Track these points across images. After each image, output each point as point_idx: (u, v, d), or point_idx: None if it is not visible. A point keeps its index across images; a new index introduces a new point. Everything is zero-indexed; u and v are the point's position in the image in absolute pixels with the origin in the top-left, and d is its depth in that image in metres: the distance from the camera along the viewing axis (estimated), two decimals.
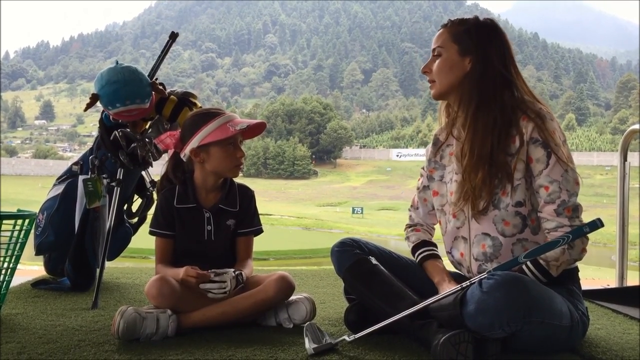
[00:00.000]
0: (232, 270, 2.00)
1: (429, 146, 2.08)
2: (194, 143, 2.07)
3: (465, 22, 1.91)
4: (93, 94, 2.45)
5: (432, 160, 2.05)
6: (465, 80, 1.86)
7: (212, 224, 2.14)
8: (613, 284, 3.15)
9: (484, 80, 1.82)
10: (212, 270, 1.96)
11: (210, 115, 2.10)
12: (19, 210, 2.19)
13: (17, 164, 75.19)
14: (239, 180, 2.26)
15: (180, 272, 1.97)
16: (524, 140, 1.77)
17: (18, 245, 2.14)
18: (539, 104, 1.83)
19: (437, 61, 1.91)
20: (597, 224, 1.62)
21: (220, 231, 2.16)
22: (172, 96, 2.69)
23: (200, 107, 2.70)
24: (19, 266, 2.20)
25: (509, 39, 1.90)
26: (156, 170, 2.68)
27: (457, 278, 1.94)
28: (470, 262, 1.91)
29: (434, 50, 1.93)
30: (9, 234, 2.11)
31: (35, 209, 2.58)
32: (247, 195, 2.23)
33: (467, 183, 1.83)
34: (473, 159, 1.80)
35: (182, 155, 2.13)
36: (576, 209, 1.74)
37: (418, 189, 2.12)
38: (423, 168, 2.10)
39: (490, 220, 1.83)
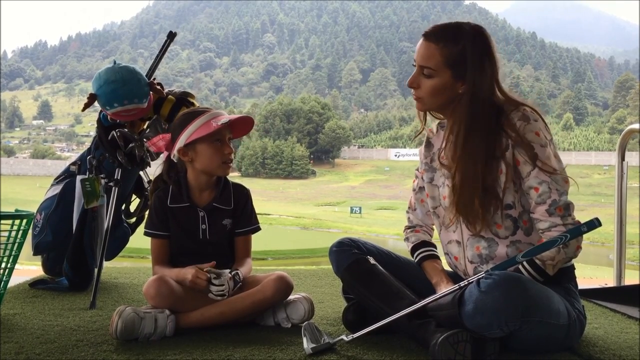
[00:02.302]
0: (229, 270, 2.00)
1: (421, 147, 2.07)
2: (180, 142, 2.08)
3: (456, 39, 1.79)
4: (91, 94, 2.45)
5: (423, 162, 2.05)
6: (456, 103, 1.81)
7: (206, 223, 2.14)
8: (611, 283, 3.15)
9: (475, 107, 1.77)
10: (211, 272, 1.96)
11: (195, 113, 2.11)
12: (16, 210, 2.19)
13: (15, 164, 75.15)
14: (235, 180, 2.27)
15: (184, 272, 1.97)
16: (509, 144, 1.76)
17: (16, 245, 2.13)
18: (522, 105, 1.80)
19: (428, 82, 1.81)
20: (594, 224, 1.63)
21: (215, 230, 2.16)
22: (170, 96, 2.68)
23: (198, 106, 2.70)
24: (16, 266, 2.20)
25: (495, 47, 1.83)
26: (154, 170, 2.68)
27: (455, 278, 1.94)
28: (465, 265, 1.91)
29: (421, 67, 1.82)
30: (6, 234, 2.10)
31: (33, 208, 2.58)
32: (243, 194, 2.23)
33: (462, 212, 1.81)
34: (467, 189, 1.78)
35: (171, 156, 2.13)
36: (567, 207, 1.74)
37: (414, 190, 2.12)
38: (417, 169, 2.10)
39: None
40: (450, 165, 1.85)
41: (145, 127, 2.77)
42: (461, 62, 1.78)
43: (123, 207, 2.94)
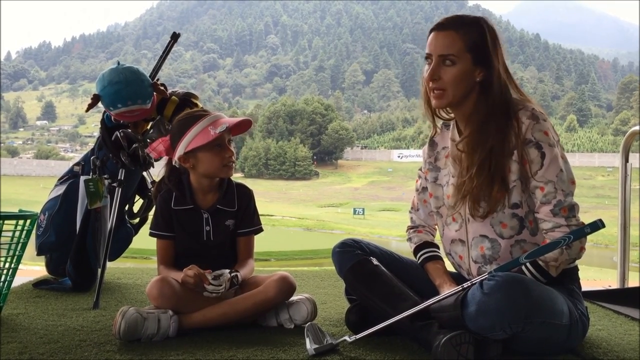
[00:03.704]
0: (229, 271, 2.00)
1: (425, 147, 2.07)
2: (180, 150, 2.07)
3: (475, 25, 1.81)
4: (95, 95, 2.45)
5: (427, 162, 2.05)
6: (474, 91, 1.82)
7: (210, 224, 2.15)
8: (614, 285, 3.15)
9: (493, 93, 1.79)
10: (211, 273, 1.96)
11: (192, 119, 2.08)
12: (20, 211, 2.20)
13: (18, 164, 75.38)
14: (239, 180, 2.26)
15: (182, 274, 1.97)
16: (518, 142, 1.76)
17: (19, 245, 2.14)
18: (530, 103, 1.81)
19: (451, 70, 1.79)
20: (598, 225, 1.62)
21: (219, 231, 2.16)
22: (173, 97, 2.69)
23: (202, 107, 2.70)
24: (20, 266, 2.21)
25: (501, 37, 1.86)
26: (157, 170, 2.68)
27: (458, 280, 1.93)
28: (469, 265, 1.91)
29: (442, 57, 1.80)
30: (10, 234, 2.11)
31: (37, 209, 2.58)
32: (246, 195, 2.23)
33: (470, 195, 1.80)
34: (483, 173, 1.77)
35: (173, 163, 2.13)
36: (572, 209, 1.74)
37: (417, 190, 2.11)
38: (420, 169, 2.09)
39: (487, 222, 1.82)
40: (467, 149, 1.83)
41: (148, 127, 2.78)
42: (481, 46, 1.80)
43: (126, 208, 2.95)
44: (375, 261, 1.96)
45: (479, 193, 1.79)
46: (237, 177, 2.22)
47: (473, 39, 1.80)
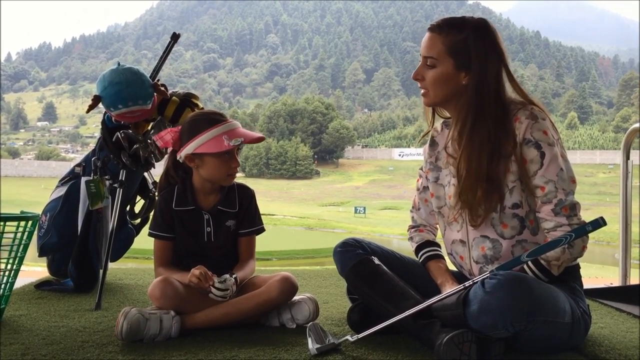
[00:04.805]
0: (231, 275, 1.99)
1: (426, 146, 2.07)
2: (188, 149, 2.05)
3: (460, 29, 1.81)
4: (95, 96, 2.45)
5: (427, 161, 2.04)
6: (460, 94, 1.82)
7: (211, 225, 2.14)
8: (616, 282, 3.15)
9: (480, 97, 1.78)
10: (217, 278, 1.95)
11: (209, 122, 2.06)
12: (22, 212, 2.20)
13: (19, 165, 75.34)
14: (240, 180, 2.26)
15: (187, 276, 1.97)
16: (516, 142, 1.76)
17: (21, 246, 2.14)
18: (530, 103, 1.81)
19: (431, 72, 1.84)
20: (599, 223, 1.62)
21: (220, 232, 2.16)
22: (174, 97, 2.68)
23: (202, 108, 2.69)
24: (22, 267, 2.21)
25: (501, 40, 1.84)
26: (158, 171, 2.68)
27: (460, 278, 1.93)
28: (470, 265, 1.91)
29: (425, 58, 1.85)
30: (12, 235, 2.11)
31: (38, 210, 2.59)
32: (247, 195, 2.23)
33: (464, 202, 1.80)
34: (471, 178, 1.77)
35: (178, 157, 2.13)
36: (573, 207, 1.74)
37: (418, 189, 2.11)
38: (421, 168, 2.09)
39: (488, 222, 1.82)
40: (456, 155, 1.84)
41: (149, 128, 2.78)
42: (463, 51, 1.79)
43: (127, 208, 2.95)
44: (376, 260, 1.95)
45: (473, 199, 1.79)
46: (238, 176, 2.23)
47: (455, 42, 1.80)
